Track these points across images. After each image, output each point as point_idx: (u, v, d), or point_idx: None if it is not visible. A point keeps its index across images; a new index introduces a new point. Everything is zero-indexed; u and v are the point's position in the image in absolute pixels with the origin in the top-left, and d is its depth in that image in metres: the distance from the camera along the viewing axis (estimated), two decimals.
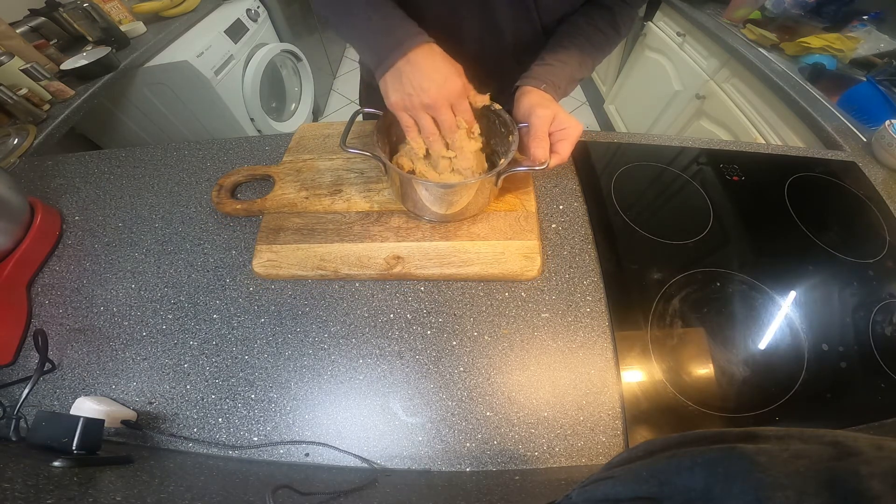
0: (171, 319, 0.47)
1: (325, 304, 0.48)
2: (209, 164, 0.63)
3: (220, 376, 0.44)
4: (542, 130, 0.43)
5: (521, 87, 0.48)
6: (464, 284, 0.49)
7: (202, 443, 0.40)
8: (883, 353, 0.46)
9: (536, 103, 0.44)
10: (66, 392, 0.43)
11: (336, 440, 0.40)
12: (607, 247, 0.52)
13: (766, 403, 0.43)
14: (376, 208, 0.54)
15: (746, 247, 0.55)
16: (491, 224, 0.52)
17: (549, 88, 0.47)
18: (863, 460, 0.13)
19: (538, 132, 0.43)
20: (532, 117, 0.44)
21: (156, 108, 1.33)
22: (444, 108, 0.41)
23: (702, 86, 1.29)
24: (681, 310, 0.48)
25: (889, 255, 0.55)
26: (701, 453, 0.16)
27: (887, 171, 0.67)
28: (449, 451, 0.40)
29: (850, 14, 1.07)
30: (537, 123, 0.43)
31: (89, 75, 0.99)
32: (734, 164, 0.64)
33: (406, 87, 0.40)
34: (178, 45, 1.25)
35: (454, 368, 0.44)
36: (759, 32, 1.08)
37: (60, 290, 0.50)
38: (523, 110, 0.45)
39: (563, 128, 0.44)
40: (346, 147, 0.45)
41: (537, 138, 0.43)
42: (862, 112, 0.81)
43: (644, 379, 0.43)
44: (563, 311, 0.47)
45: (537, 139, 0.43)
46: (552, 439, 0.40)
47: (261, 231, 0.52)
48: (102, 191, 0.60)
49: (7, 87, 0.81)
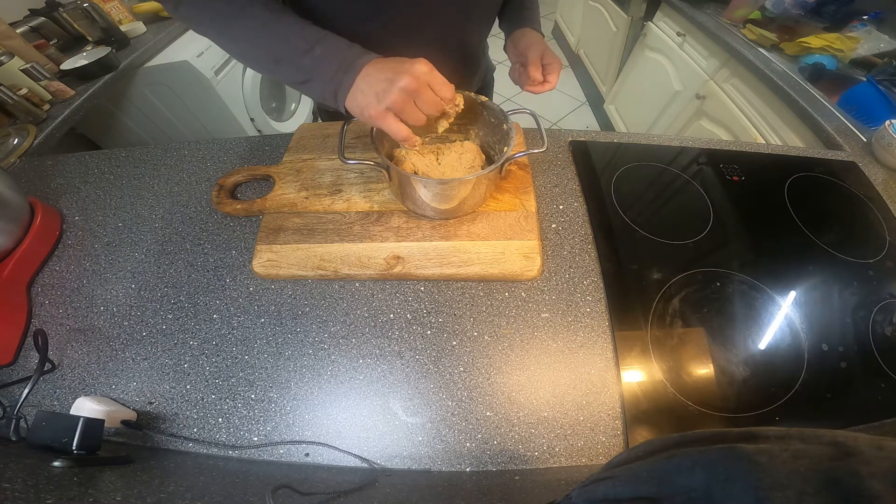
0: (171, 319, 0.47)
1: (325, 304, 0.48)
2: (209, 164, 0.63)
3: (220, 376, 0.44)
4: (537, 60, 0.53)
5: (520, 29, 0.58)
6: (464, 284, 0.49)
7: (202, 443, 0.40)
8: (883, 353, 0.46)
9: (534, 41, 0.55)
10: (66, 392, 0.43)
11: (336, 440, 0.40)
12: (607, 247, 0.52)
13: (766, 403, 0.43)
14: (376, 208, 0.54)
15: (746, 247, 0.55)
16: (491, 224, 0.52)
17: (538, 27, 0.59)
18: (863, 460, 0.13)
19: (535, 61, 0.52)
20: (529, 52, 0.53)
21: (156, 108, 1.33)
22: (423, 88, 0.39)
23: (702, 86, 1.29)
24: (681, 310, 0.48)
25: (889, 255, 0.55)
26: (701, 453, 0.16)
27: (887, 171, 0.67)
28: (449, 451, 0.40)
29: (850, 14, 1.07)
30: (534, 55, 0.53)
31: (89, 75, 0.99)
32: (734, 164, 0.64)
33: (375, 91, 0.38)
34: (178, 45, 1.25)
35: (454, 368, 0.44)
36: (759, 32, 1.08)
37: (60, 290, 0.50)
38: (522, 47, 0.55)
39: (551, 62, 0.53)
40: (345, 158, 0.46)
41: (534, 65, 0.52)
42: (862, 112, 0.81)
43: (644, 379, 0.43)
44: (563, 311, 0.47)
45: (534, 65, 0.52)
46: (552, 439, 0.40)
47: (261, 231, 0.52)
48: (102, 191, 0.60)
49: (7, 87, 0.81)
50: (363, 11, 0.48)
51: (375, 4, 0.48)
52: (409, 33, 0.51)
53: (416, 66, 0.39)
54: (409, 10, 0.49)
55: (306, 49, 0.39)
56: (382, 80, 0.38)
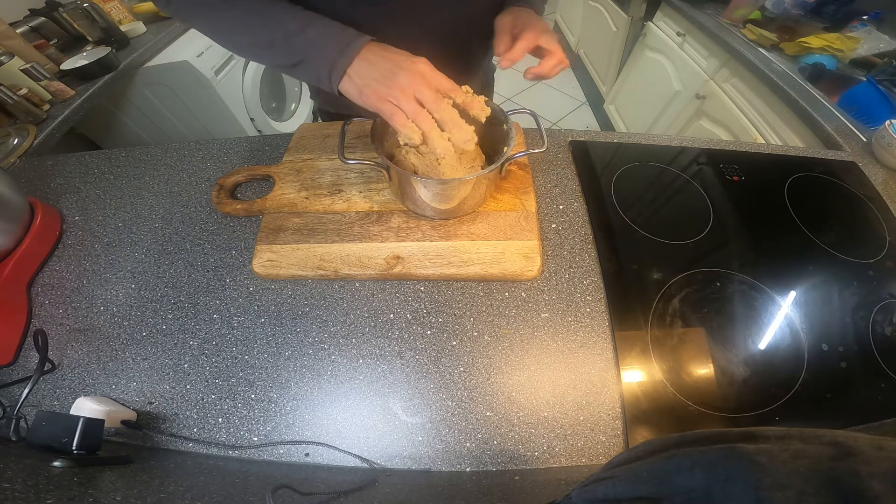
0: (171, 319, 0.47)
1: (325, 304, 0.48)
2: (209, 164, 0.63)
3: (220, 376, 0.44)
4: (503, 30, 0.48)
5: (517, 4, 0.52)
6: (464, 284, 0.49)
7: (202, 443, 0.40)
8: (883, 353, 0.46)
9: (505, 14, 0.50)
10: (66, 392, 0.43)
11: (336, 440, 0.40)
12: (607, 247, 0.52)
13: (767, 403, 0.43)
14: (376, 208, 0.54)
15: (746, 247, 0.55)
16: (491, 224, 0.52)
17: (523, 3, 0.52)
18: (863, 460, 0.13)
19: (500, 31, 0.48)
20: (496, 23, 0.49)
21: (156, 108, 1.33)
22: (423, 86, 0.38)
23: (702, 86, 1.29)
24: (681, 310, 0.48)
25: (889, 255, 0.55)
26: (701, 453, 0.16)
27: (887, 171, 0.67)
28: (449, 451, 0.40)
29: (850, 14, 1.07)
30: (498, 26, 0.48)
31: (89, 75, 0.99)
32: (734, 164, 0.64)
33: (375, 76, 0.38)
34: (178, 45, 1.25)
35: (454, 368, 0.44)
36: (759, 32, 1.08)
37: (60, 290, 0.50)
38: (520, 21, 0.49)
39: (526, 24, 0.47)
40: (346, 159, 0.46)
41: (498, 35, 0.47)
42: (862, 112, 0.81)
43: (644, 379, 0.43)
44: (563, 311, 0.47)
45: (498, 36, 0.47)
46: (552, 439, 0.40)
47: (261, 231, 0.52)
48: (102, 191, 0.60)
49: (7, 87, 0.81)
50: None
51: None
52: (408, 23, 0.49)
53: (418, 64, 0.39)
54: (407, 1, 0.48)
55: (298, 30, 0.39)
56: (384, 68, 0.38)
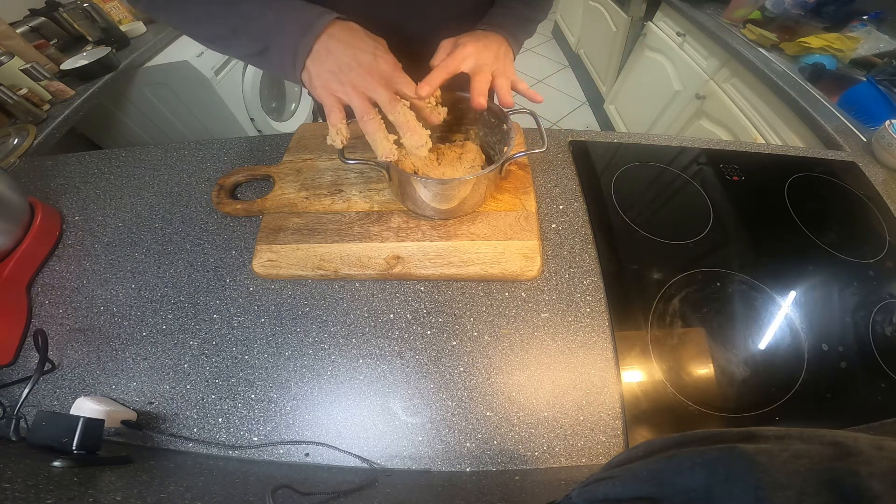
0: (171, 319, 0.47)
1: (325, 304, 0.48)
2: (209, 164, 0.63)
3: (220, 376, 0.44)
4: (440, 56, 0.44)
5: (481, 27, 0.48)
6: (464, 284, 0.49)
7: (202, 443, 0.40)
8: (883, 353, 0.46)
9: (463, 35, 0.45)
10: (66, 392, 0.43)
11: (336, 440, 0.40)
12: (607, 247, 0.52)
13: (766, 403, 0.43)
14: (376, 208, 0.54)
15: (746, 247, 0.55)
16: (491, 224, 0.52)
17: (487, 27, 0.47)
18: (863, 460, 0.13)
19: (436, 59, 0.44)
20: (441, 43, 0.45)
21: (156, 108, 1.33)
22: (379, 86, 0.36)
23: (702, 86, 1.29)
24: (681, 310, 0.48)
25: (889, 255, 0.55)
26: (701, 453, 0.16)
27: (887, 171, 0.67)
28: (449, 451, 0.40)
29: (850, 14, 1.07)
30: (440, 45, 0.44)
31: (89, 75, 0.99)
32: (734, 164, 0.64)
33: (330, 67, 0.35)
34: (178, 45, 1.25)
35: (454, 368, 0.44)
36: (759, 32, 1.08)
37: (60, 290, 0.50)
38: None
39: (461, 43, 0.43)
40: (346, 159, 0.46)
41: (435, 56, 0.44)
42: (862, 112, 0.81)
43: (644, 379, 0.43)
44: (563, 311, 0.47)
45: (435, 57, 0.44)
46: (552, 439, 0.40)
47: (261, 231, 0.52)
48: (102, 191, 0.60)
49: (7, 87, 0.82)
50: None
51: None
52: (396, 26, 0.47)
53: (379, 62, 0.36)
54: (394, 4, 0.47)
55: (258, 14, 0.36)
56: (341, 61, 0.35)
